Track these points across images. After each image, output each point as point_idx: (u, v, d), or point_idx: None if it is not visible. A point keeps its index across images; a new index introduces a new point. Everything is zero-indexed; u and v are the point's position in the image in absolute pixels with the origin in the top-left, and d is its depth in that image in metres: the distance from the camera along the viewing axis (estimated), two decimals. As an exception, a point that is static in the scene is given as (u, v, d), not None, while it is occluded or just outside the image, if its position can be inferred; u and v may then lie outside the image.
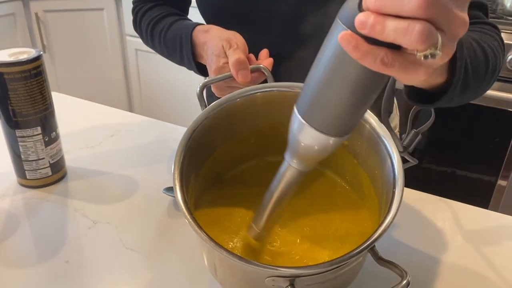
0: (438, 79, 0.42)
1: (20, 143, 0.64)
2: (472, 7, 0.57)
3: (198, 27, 0.66)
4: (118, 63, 2.23)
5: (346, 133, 0.35)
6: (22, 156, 0.65)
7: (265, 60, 0.58)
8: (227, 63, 0.56)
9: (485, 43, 0.52)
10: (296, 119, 0.35)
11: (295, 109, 0.36)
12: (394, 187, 0.43)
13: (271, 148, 0.56)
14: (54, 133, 0.66)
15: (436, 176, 1.74)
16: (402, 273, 0.38)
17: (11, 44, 1.99)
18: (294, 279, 0.38)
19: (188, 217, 0.41)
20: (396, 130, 0.87)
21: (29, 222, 0.61)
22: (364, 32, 0.27)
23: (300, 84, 0.51)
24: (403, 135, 0.48)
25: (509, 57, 1.41)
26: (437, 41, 0.27)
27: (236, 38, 0.59)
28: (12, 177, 0.69)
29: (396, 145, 0.44)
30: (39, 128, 0.64)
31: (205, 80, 0.53)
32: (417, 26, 0.26)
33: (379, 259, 0.41)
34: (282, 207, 0.43)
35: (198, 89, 0.51)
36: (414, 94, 0.45)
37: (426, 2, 0.25)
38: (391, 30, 0.26)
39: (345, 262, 0.38)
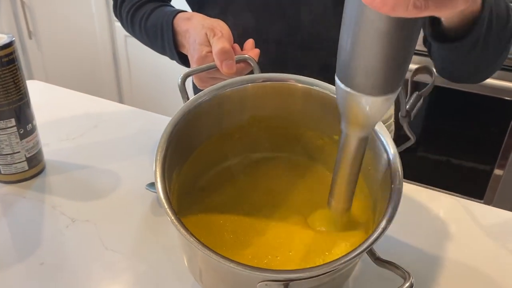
0: (475, 5, 0.42)
1: (-8, 136, 0.60)
2: None
3: (179, 14, 0.62)
4: (107, 49, 2.17)
5: (394, 89, 0.32)
6: (-4, 150, 0.61)
7: (251, 51, 0.54)
8: (211, 52, 0.52)
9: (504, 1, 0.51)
10: (342, 90, 0.33)
11: (338, 81, 0.33)
12: (392, 183, 0.40)
13: (257, 145, 0.53)
14: (30, 125, 0.62)
15: (432, 165, 1.72)
16: (404, 274, 0.36)
17: (-5, 30, 1.93)
18: (288, 283, 0.35)
19: (172, 217, 0.37)
20: None
21: (3, 219, 0.57)
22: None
23: (295, 76, 0.48)
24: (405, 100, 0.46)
25: (508, 44, 1.37)
26: None
27: (220, 26, 0.55)
28: (-14, 171, 0.65)
29: (401, 107, 0.42)
30: (13, 120, 0.60)
31: (187, 71, 0.49)
32: None
33: (377, 260, 0.38)
34: (355, 179, 0.40)
35: (180, 80, 0.47)
36: (438, 38, 0.46)
37: None
38: None
39: (342, 265, 0.35)
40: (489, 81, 1.43)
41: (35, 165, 0.64)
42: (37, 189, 0.63)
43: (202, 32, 0.54)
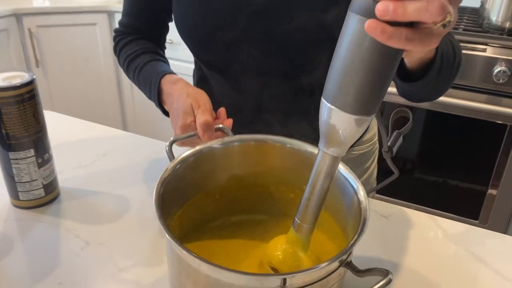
0: (431, 53, 0.51)
1: (13, 165, 0.65)
2: None
3: (166, 76, 0.70)
4: (112, 78, 2.24)
5: (371, 112, 0.38)
6: (16, 178, 0.66)
7: (226, 121, 0.62)
8: (194, 121, 0.60)
9: (453, 41, 0.62)
10: (325, 107, 0.38)
11: (323, 99, 0.39)
12: (360, 216, 0.44)
13: (235, 205, 0.59)
14: (47, 154, 0.67)
15: (429, 186, 1.76)
16: (383, 273, 0.40)
17: (4, 59, 2.00)
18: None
19: (174, 242, 0.40)
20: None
21: (22, 243, 0.62)
22: (387, 17, 0.31)
23: (273, 137, 0.56)
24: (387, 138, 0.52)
25: (496, 70, 1.44)
26: (451, 10, 0.32)
27: (204, 98, 0.63)
28: (5, 198, 0.69)
29: (382, 144, 0.48)
30: (32, 150, 0.65)
31: (173, 138, 0.56)
32: (435, 3, 0.31)
33: (359, 272, 0.42)
34: (323, 198, 0.44)
35: (167, 146, 0.54)
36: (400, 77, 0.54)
37: None
38: (413, 11, 0.31)
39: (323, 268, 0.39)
40: (482, 105, 1.49)
41: (50, 192, 0.69)
42: (52, 214, 0.67)
43: (187, 102, 0.62)
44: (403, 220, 0.68)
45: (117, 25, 0.86)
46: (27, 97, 0.62)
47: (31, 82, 0.63)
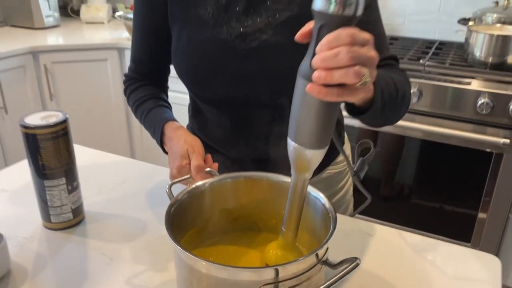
0: (368, 95, 0.60)
1: (47, 192, 0.75)
2: (390, 58, 0.81)
3: (169, 123, 0.84)
4: (121, 110, 2.36)
5: (322, 147, 0.50)
6: (49, 203, 0.76)
7: (213, 165, 0.74)
8: (189, 164, 0.72)
9: (396, 79, 0.73)
10: (290, 143, 0.51)
11: (288, 138, 0.51)
12: (331, 225, 0.56)
13: (225, 237, 0.70)
14: (75, 182, 0.78)
15: (424, 211, 1.85)
16: (352, 259, 0.50)
17: (20, 93, 2.13)
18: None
19: (182, 249, 0.51)
20: (350, 158, 1.00)
21: (54, 260, 0.71)
22: (320, 82, 0.45)
23: (256, 173, 0.69)
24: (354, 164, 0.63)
25: (479, 102, 1.55)
26: (366, 73, 0.45)
27: (198, 144, 0.76)
28: (37, 221, 0.79)
29: (349, 169, 0.59)
30: (63, 179, 0.75)
31: (172, 181, 0.68)
32: (351, 70, 0.44)
33: (333, 266, 0.53)
34: (300, 210, 0.56)
35: (167, 187, 0.66)
36: (353, 112, 0.65)
37: (351, 58, 0.44)
38: (337, 77, 0.44)
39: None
40: (469, 134, 1.59)
41: (77, 215, 0.79)
42: (79, 235, 0.77)
43: (184, 147, 0.75)
44: (384, 237, 0.77)
45: (126, 60, 0.99)
46: (61, 134, 0.73)
47: (65, 121, 0.74)
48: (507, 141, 1.54)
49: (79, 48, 2.20)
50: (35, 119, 0.73)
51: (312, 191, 0.63)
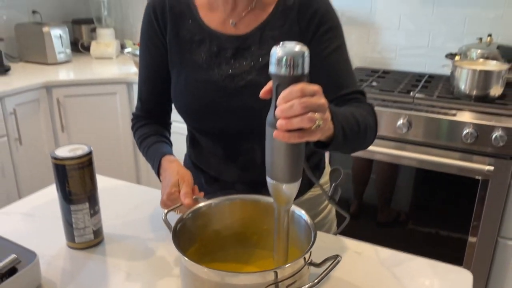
0: (329, 132, 0.70)
1: (73, 215, 0.85)
2: (355, 93, 0.91)
3: (166, 157, 0.96)
4: (128, 140, 2.48)
5: (294, 180, 0.62)
6: (74, 225, 0.86)
7: (199, 193, 0.85)
8: (178, 191, 0.83)
9: (358, 113, 0.82)
10: (268, 179, 0.63)
11: (266, 176, 0.63)
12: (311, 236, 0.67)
13: (221, 252, 0.80)
14: (97, 206, 0.88)
15: (419, 236, 1.93)
16: (334, 257, 0.62)
17: (34, 125, 2.26)
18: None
19: (188, 259, 0.62)
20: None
21: (78, 276, 0.81)
22: (283, 129, 0.57)
23: (251, 196, 0.80)
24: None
25: (464, 132, 1.66)
26: (318, 117, 0.57)
27: (187, 176, 0.87)
28: (61, 242, 0.89)
29: (324, 193, 0.70)
30: (87, 204, 0.86)
31: (168, 209, 0.79)
32: (305, 117, 0.56)
33: (318, 265, 0.65)
34: (286, 236, 0.67)
35: (163, 216, 0.76)
36: (319, 146, 0.75)
37: (303, 108, 0.55)
38: (295, 123, 0.56)
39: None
40: (457, 162, 1.70)
41: (98, 236, 0.89)
42: (100, 253, 0.87)
43: (176, 177, 0.86)
44: (369, 254, 0.87)
45: (134, 94, 1.12)
46: (86, 164, 0.84)
47: (89, 153, 0.85)
48: (491, 168, 1.64)
49: (90, 83, 2.34)
50: (63, 152, 0.84)
51: (296, 210, 0.73)
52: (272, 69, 0.57)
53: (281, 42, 0.57)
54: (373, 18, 2.37)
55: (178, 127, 1.11)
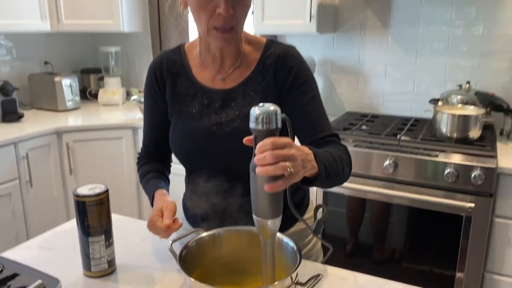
0: (313, 171, 0.83)
1: (90, 247, 0.97)
2: (331, 136, 1.04)
3: (158, 190, 1.10)
4: (132, 181, 2.61)
5: (276, 216, 0.74)
6: (90, 255, 0.98)
7: (178, 223, 0.96)
8: (160, 216, 0.96)
9: (335, 153, 0.96)
10: (254, 217, 0.75)
11: (252, 214, 0.75)
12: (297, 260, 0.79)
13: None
14: (111, 239, 1.00)
15: (414, 273, 2.02)
16: (316, 276, 0.74)
17: (44, 168, 2.39)
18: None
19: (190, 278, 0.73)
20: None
21: (94, 300, 0.92)
22: (261, 175, 0.71)
23: (245, 227, 0.92)
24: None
25: (446, 172, 1.79)
26: (288, 166, 0.70)
27: (171, 204, 1.00)
28: (78, 271, 1.00)
29: (308, 227, 0.82)
30: (103, 236, 0.98)
31: (173, 238, 0.92)
32: (278, 166, 0.70)
33: (304, 284, 0.76)
34: (273, 265, 0.79)
35: (170, 245, 0.89)
36: (305, 183, 0.86)
37: (274, 158, 0.69)
38: (270, 171, 0.70)
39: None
40: (442, 200, 1.81)
41: (111, 265, 1.01)
42: (113, 281, 0.98)
43: (161, 205, 1.00)
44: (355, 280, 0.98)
45: (139, 138, 1.28)
46: (103, 200, 0.97)
47: (106, 191, 0.98)
48: (472, 205, 1.76)
49: (97, 128, 2.50)
50: (84, 190, 0.97)
51: (284, 237, 0.86)
52: (252, 124, 0.72)
53: (259, 104, 0.72)
54: (361, 67, 2.56)
55: (178, 168, 1.25)
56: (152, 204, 1.10)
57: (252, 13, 1.06)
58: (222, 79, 1.08)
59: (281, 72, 1.05)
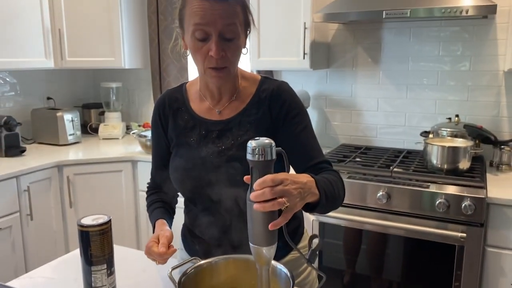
0: (313, 198, 0.89)
1: (92, 275, 1.01)
2: (323, 163, 1.11)
3: (159, 221, 1.17)
4: (131, 213, 2.64)
5: (271, 244, 0.79)
6: (93, 284, 1.01)
7: (172, 250, 1.03)
8: (156, 243, 1.04)
9: (331, 178, 1.02)
10: (250, 245, 0.80)
11: (249, 242, 0.80)
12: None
13: None
14: (113, 268, 1.04)
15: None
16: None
17: (45, 201, 2.43)
18: None
19: None
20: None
21: (96, 327, 0.95)
22: (260, 210, 0.76)
23: (242, 256, 0.97)
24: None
25: (437, 202, 1.84)
26: (285, 201, 0.76)
27: (167, 233, 1.07)
28: (81, 300, 1.04)
29: (302, 256, 0.86)
30: (105, 265, 1.02)
31: (172, 266, 0.98)
32: (275, 202, 0.76)
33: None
34: (268, 284, 0.83)
35: (169, 272, 0.94)
36: (307, 210, 0.93)
37: (273, 194, 0.76)
38: (268, 207, 0.76)
39: None
40: (434, 230, 1.85)
41: (112, 294, 1.04)
42: (114, 309, 1.01)
43: (158, 233, 1.08)
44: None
45: (139, 171, 1.43)
46: (106, 231, 1.02)
47: (109, 221, 1.03)
48: (464, 235, 1.80)
49: (97, 162, 2.55)
50: (87, 220, 1.02)
51: (278, 265, 0.90)
52: (249, 156, 0.78)
53: (255, 138, 0.79)
54: (354, 101, 2.65)
55: (180, 201, 1.31)
56: (153, 233, 1.16)
57: (246, 52, 1.15)
58: (219, 112, 1.16)
59: (275, 105, 1.13)
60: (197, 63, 1.09)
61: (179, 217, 1.29)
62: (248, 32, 1.12)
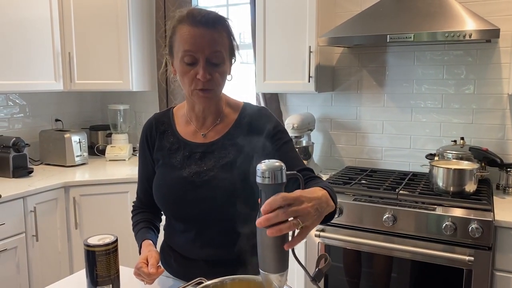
0: (329, 210, 0.90)
1: (98, 295, 1.01)
2: (306, 170, 1.15)
3: (145, 241, 1.22)
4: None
5: (283, 270, 0.77)
6: (98, 304, 1.01)
7: (160, 270, 1.06)
8: (145, 264, 1.08)
9: (329, 185, 1.02)
10: (261, 272, 0.77)
11: (259, 269, 0.78)
12: None
13: None
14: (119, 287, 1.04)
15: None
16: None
17: (50, 221, 2.43)
18: None
19: None
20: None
21: None
22: (274, 235, 0.73)
23: (248, 276, 0.96)
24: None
25: (444, 225, 1.83)
26: (299, 222, 0.73)
27: (155, 253, 1.11)
28: (85, 320, 1.04)
29: (307, 275, 0.86)
30: (110, 286, 1.02)
31: (179, 287, 1.00)
32: (286, 224, 0.74)
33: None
34: None
35: None
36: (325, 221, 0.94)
37: (286, 215, 0.74)
38: (283, 230, 0.73)
39: None
40: (441, 253, 1.83)
41: (117, 314, 1.04)
42: (118, 330, 1.01)
43: (146, 254, 1.11)
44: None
45: None
46: (112, 250, 1.02)
47: (115, 241, 1.03)
48: (472, 258, 1.78)
49: (104, 183, 2.57)
50: (94, 240, 1.03)
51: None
52: (258, 179, 0.74)
53: (264, 160, 0.76)
54: (359, 124, 2.67)
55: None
56: (140, 252, 1.20)
57: (231, 79, 1.22)
58: (204, 135, 1.22)
59: (255, 129, 1.19)
60: (184, 86, 1.15)
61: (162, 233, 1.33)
62: (233, 60, 1.19)
